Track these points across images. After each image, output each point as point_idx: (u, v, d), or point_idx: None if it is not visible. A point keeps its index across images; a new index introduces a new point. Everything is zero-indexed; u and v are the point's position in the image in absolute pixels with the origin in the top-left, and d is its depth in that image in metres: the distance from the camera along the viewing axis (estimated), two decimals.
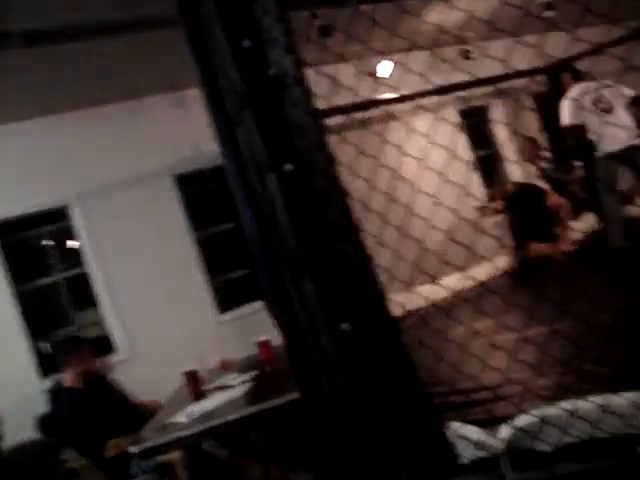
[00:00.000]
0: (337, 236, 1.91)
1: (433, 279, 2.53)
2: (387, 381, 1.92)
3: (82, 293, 6.75)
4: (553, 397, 2.07)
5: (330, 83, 2.09)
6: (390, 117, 7.40)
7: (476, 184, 9.01)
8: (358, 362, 1.91)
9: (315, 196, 1.91)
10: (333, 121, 5.42)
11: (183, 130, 6.99)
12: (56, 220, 6.73)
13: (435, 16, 6.33)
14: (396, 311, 1.93)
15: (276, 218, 1.93)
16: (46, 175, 6.43)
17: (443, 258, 2.39)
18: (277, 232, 1.94)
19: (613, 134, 5.84)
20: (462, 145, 8.73)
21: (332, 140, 1.99)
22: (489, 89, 8.22)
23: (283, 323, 2.00)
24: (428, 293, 2.46)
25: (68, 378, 4.47)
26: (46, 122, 6.55)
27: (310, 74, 1.94)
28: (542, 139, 9.25)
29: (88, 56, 5.70)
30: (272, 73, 1.95)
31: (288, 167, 1.91)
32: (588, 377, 2.38)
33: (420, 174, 3.47)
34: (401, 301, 2.09)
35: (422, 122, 6.87)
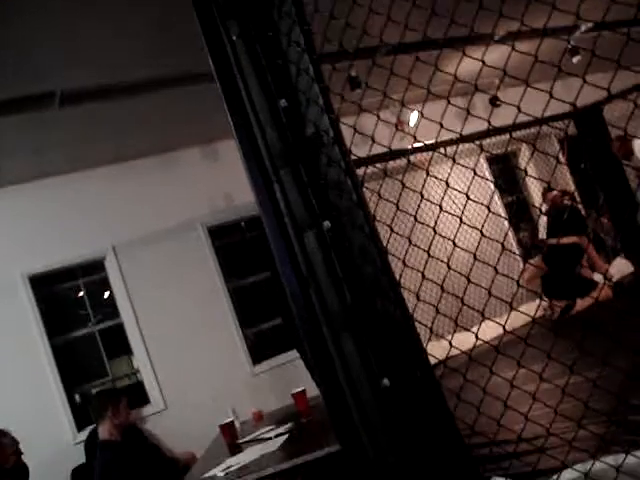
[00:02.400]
0: (376, 293, 1.92)
1: (466, 328, 2.53)
2: (427, 435, 1.92)
3: (116, 343, 6.80)
4: (597, 450, 2.04)
5: (357, 134, 2.13)
6: (416, 165, 7.44)
7: (505, 229, 9.01)
8: (398, 416, 1.91)
9: (354, 253, 1.94)
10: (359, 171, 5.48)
11: (216, 182, 7.13)
12: (91, 272, 6.81)
13: (462, 65, 6.40)
14: (431, 360, 1.94)
15: (315, 275, 1.96)
16: (81, 228, 6.53)
17: (476, 306, 2.40)
18: (316, 288, 1.96)
19: None
20: (490, 192, 8.76)
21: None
22: (516, 135, 8.24)
23: (323, 378, 2.01)
24: (461, 342, 2.45)
25: (104, 431, 4.47)
26: (81, 176, 6.68)
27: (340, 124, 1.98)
28: (570, 184, 9.21)
29: (120, 111, 5.83)
30: (310, 132, 1.99)
31: (326, 224, 1.93)
32: (632, 429, 2.34)
33: (449, 222, 3.48)
34: (435, 350, 2.09)
35: (449, 170, 6.90)
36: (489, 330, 2.69)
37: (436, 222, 2.36)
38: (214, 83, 2.07)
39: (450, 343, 2.18)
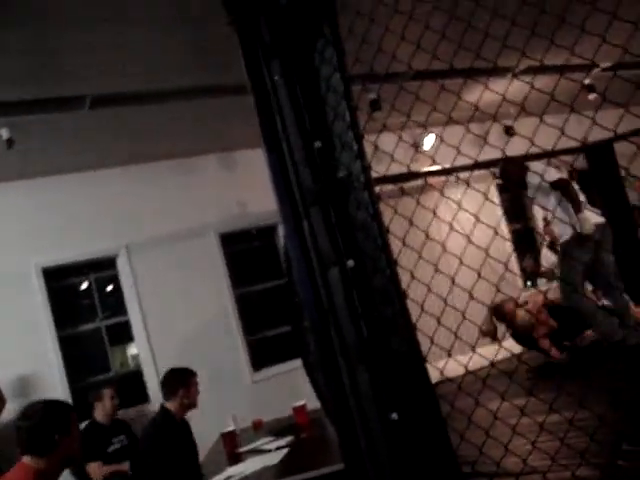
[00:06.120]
0: (392, 332, 2.04)
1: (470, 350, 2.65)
2: (430, 468, 2.03)
3: (121, 340, 6.92)
4: None
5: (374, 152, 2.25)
6: (429, 187, 7.54)
7: (510, 255, 9.11)
8: (404, 449, 2.03)
9: (374, 293, 2.05)
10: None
11: (230, 189, 7.25)
12: (102, 269, 6.92)
13: (478, 94, 6.49)
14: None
15: (335, 309, 2.07)
16: (97, 225, 6.63)
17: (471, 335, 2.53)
18: (336, 322, 2.07)
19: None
20: (498, 218, 8.86)
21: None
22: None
23: (335, 405, 2.12)
24: (449, 370, 2.55)
25: (172, 407, 4.51)
26: (100, 175, 6.79)
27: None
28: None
29: (144, 116, 5.98)
30: (341, 175, 2.11)
31: (350, 263, 2.05)
32: (612, 471, 2.43)
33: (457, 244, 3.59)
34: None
35: (459, 194, 7.00)
36: (478, 359, 2.79)
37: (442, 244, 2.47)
38: (236, 96, 2.18)
39: (441, 372, 2.26)
